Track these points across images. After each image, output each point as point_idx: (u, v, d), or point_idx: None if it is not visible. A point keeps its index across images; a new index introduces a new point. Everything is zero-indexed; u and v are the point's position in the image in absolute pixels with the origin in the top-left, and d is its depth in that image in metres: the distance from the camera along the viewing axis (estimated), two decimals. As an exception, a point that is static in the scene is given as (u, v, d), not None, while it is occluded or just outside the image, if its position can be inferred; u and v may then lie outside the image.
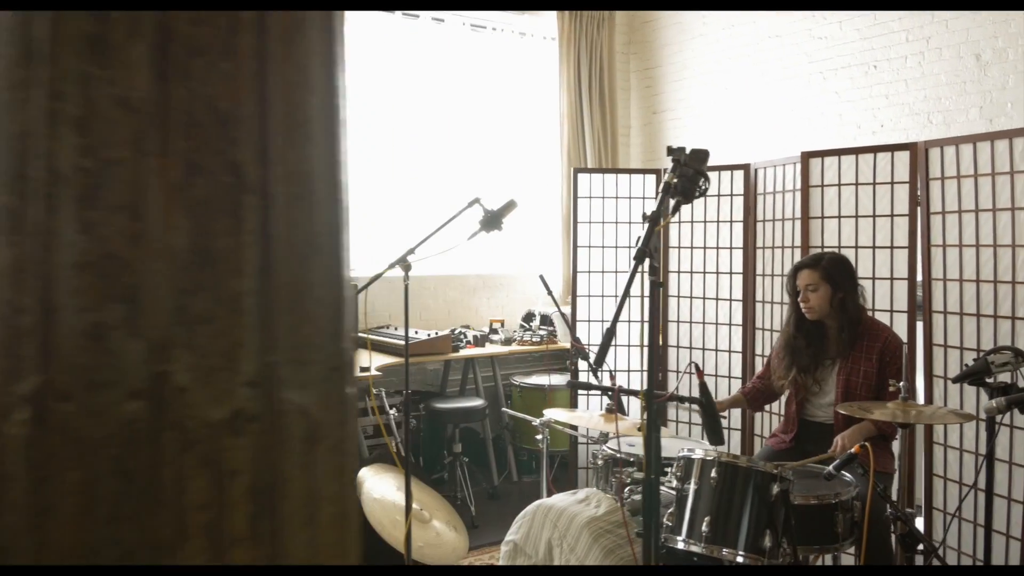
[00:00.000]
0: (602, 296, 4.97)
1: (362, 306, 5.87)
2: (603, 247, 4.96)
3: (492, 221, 3.43)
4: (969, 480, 3.73)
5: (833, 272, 3.47)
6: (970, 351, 3.72)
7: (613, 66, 6.72)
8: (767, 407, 4.47)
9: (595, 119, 6.56)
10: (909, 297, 3.97)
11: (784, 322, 3.69)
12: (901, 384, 3.01)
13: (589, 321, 4.96)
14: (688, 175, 2.29)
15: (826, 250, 3.60)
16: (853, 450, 2.97)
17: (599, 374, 4.13)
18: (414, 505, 4.40)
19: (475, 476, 5.32)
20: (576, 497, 3.23)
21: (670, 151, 2.30)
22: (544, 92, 6.57)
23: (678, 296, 4.93)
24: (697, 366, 2.92)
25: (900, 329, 3.98)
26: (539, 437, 3.76)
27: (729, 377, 4.70)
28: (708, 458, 2.92)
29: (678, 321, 4.93)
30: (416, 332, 5.48)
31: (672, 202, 2.32)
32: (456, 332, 5.74)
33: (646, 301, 4.82)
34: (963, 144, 3.72)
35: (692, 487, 2.92)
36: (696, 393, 2.90)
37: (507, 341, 5.78)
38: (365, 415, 5.10)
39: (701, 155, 2.33)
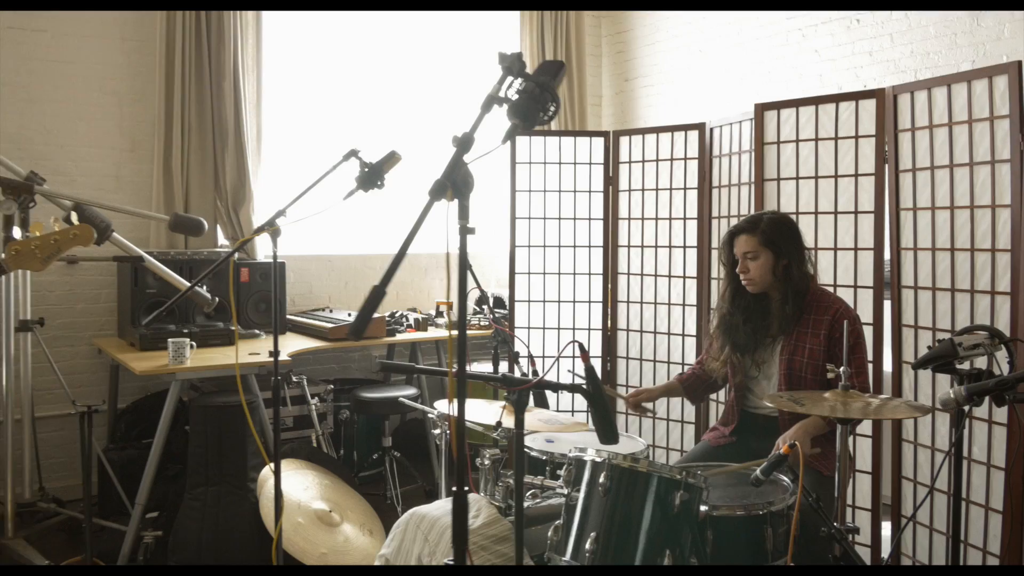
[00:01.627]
0: (543, 274, 4.40)
1: (296, 287, 5.36)
2: (544, 219, 4.39)
3: (371, 177, 2.88)
4: (942, 483, 3.13)
5: (775, 236, 2.88)
6: (944, 332, 3.12)
7: (582, 31, 6.13)
8: (713, 397, 3.89)
9: (561, 86, 5.96)
10: (875, 270, 3.37)
11: (719, 297, 3.11)
12: (842, 370, 2.42)
13: (529, 302, 4.40)
14: (529, 91, 1.72)
15: (766, 211, 3.02)
16: (782, 450, 2.39)
17: (521, 361, 3.58)
18: (323, 506, 3.89)
19: (414, 473, 4.79)
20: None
21: (502, 58, 1.73)
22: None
23: (628, 274, 4.35)
24: (582, 346, 2.36)
25: (865, 307, 3.38)
26: (436, 432, 3.21)
27: (682, 364, 4.12)
28: (598, 460, 2.35)
29: (628, 301, 4.35)
30: (350, 315, 4.94)
31: (509, 125, 1.75)
32: (397, 315, 5.20)
33: (588, 279, 4.33)
34: (936, 88, 3.10)
35: (581, 495, 2.36)
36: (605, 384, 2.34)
37: (454, 325, 5.22)
38: (282, 404, 4.58)
39: (551, 67, 1.76)
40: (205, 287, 4.20)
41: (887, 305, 3.37)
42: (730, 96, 5.37)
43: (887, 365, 3.37)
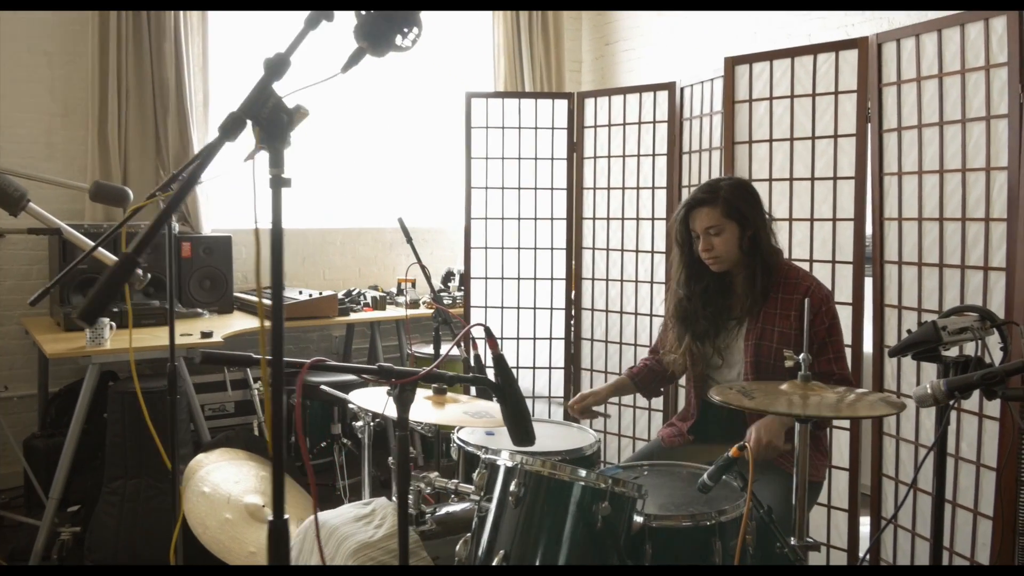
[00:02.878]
0: (502, 248, 4.01)
1: (249, 263, 4.99)
2: (503, 188, 4.00)
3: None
4: (927, 483, 2.75)
5: (738, 204, 2.49)
6: (931, 313, 2.73)
7: (560, -9, 5.71)
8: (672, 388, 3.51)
9: (536, 51, 5.56)
10: (855, 243, 2.97)
11: (672, 281, 2.72)
12: (801, 357, 2.04)
13: (486, 279, 4.02)
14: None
15: (722, 177, 2.62)
16: (730, 453, 2.02)
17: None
18: (255, 501, 3.54)
19: (374, 462, 4.42)
20: (361, 511, 2.32)
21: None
22: (477, 23, 5.58)
23: (593, 248, 3.96)
24: (489, 331, 1.98)
25: (844, 285, 2.99)
26: (359, 424, 2.85)
27: (650, 347, 3.73)
28: (510, 465, 1.99)
29: (593, 279, 3.97)
30: (300, 292, 4.58)
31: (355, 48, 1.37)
32: (354, 293, 4.83)
33: (551, 254, 3.95)
34: (925, 34, 2.69)
35: (492, 505, 1.99)
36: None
37: (415, 304, 4.85)
38: (222, 389, 4.23)
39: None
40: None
41: (868, 283, 2.98)
42: (710, 57, 4.94)
43: (868, 348, 2.98)
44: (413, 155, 5.46)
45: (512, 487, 1.92)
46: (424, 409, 2.42)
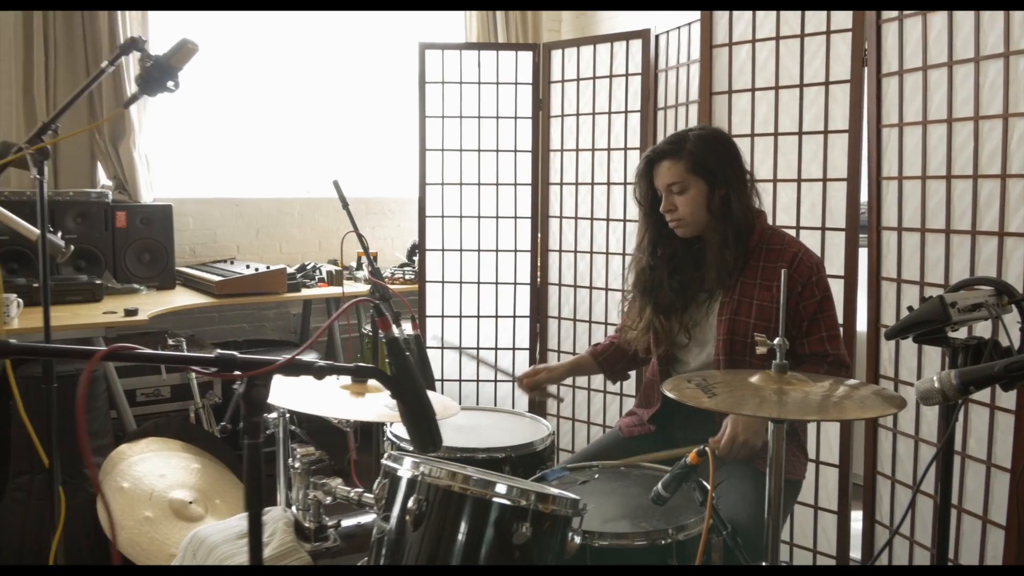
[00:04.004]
0: (460, 217, 3.60)
1: (197, 234, 4.58)
2: (461, 150, 3.58)
3: (158, 76, 2.08)
4: (927, 485, 2.36)
5: (706, 158, 2.08)
6: (936, 287, 2.32)
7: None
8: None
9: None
10: (849, 207, 2.55)
11: (635, 246, 2.32)
12: (776, 342, 1.63)
13: (443, 250, 3.61)
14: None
15: (694, 127, 2.21)
16: (688, 459, 1.62)
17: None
18: (182, 496, 3.16)
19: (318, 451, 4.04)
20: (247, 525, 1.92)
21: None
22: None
23: (560, 217, 3.54)
24: (379, 308, 1.57)
25: (835, 255, 2.58)
26: (273, 416, 2.45)
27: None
28: (410, 475, 1.59)
29: (560, 251, 3.55)
30: (248, 266, 4.17)
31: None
32: (309, 267, 4.43)
33: (514, 223, 3.52)
34: (934, -43, 2.26)
35: (391, 525, 1.60)
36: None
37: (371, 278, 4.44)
38: (156, 372, 3.83)
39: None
40: (61, 233, 3.44)
41: (863, 254, 2.57)
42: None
43: (861, 327, 2.58)
44: (377, 119, 5.03)
45: (411, 504, 1.52)
46: (338, 402, 2.03)
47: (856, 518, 2.67)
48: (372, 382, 2.26)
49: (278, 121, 4.81)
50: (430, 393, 2.18)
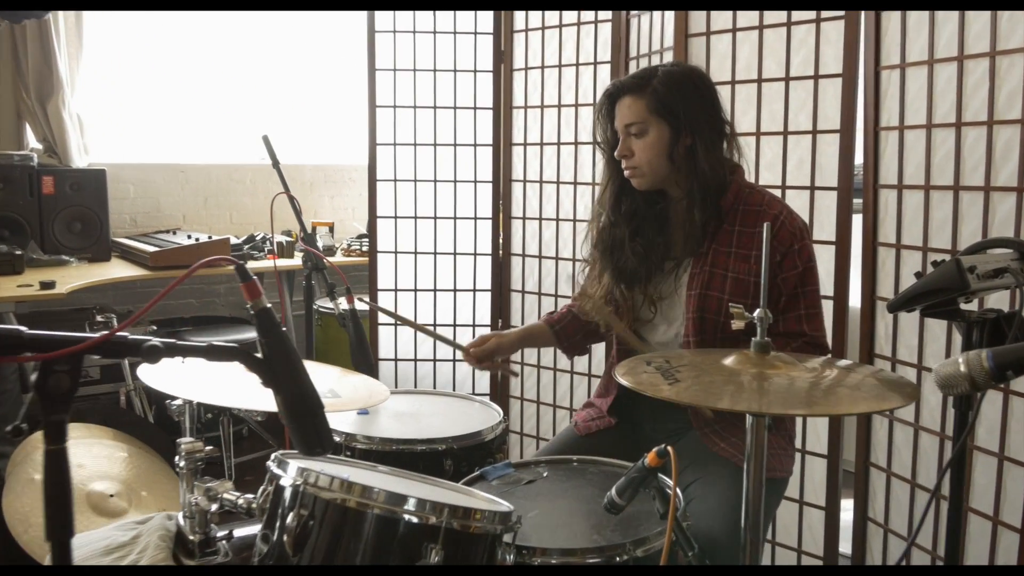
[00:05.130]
0: (414, 181, 3.24)
1: (138, 203, 4.21)
2: (415, 107, 3.22)
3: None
4: (929, 479, 2.05)
5: (671, 98, 1.75)
6: (942, 252, 2.00)
7: None
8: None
9: None
10: (842, 163, 2.22)
11: (595, 200, 1.98)
12: (756, 315, 1.29)
13: (395, 218, 3.25)
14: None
15: (666, 63, 1.86)
16: (647, 460, 1.29)
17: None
18: (102, 488, 2.81)
19: (265, 436, 3.70)
20: (119, 537, 1.58)
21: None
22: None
23: (524, 181, 3.19)
24: (243, 270, 1.22)
25: (826, 220, 2.25)
26: (175, 403, 2.12)
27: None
28: (294, 483, 1.25)
29: (524, 218, 3.21)
30: (189, 236, 3.81)
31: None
32: (259, 238, 4.07)
33: (474, 188, 3.18)
34: None
35: (270, 547, 1.26)
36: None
37: (328, 251, 4.09)
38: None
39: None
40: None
41: (857, 218, 2.23)
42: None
43: (854, 300, 2.25)
44: (333, 79, 4.64)
45: (290, 519, 1.19)
46: (246, 391, 1.69)
47: (846, 508, 2.35)
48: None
49: (228, 81, 4.42)
50: (358, 385, 1.84)
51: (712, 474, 1.71)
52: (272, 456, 1.34)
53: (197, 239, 3.68)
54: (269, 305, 1.16)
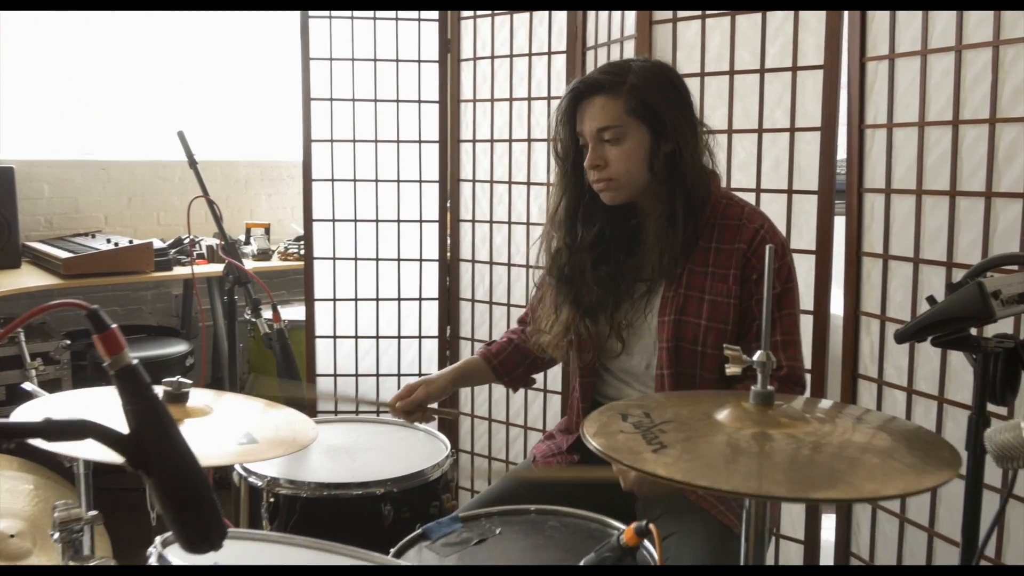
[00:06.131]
0: (353, 181, 2.95)
1: (54, 203, 3.84)
2: (354, 100, 2.92)
3: None
4: (921, 513, 1.84)
5: (654, 98, 1.51)
6: (935, 265, 1.79)
7: None
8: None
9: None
10: (823, 162, 2.00)
11: (547, 218, 1.72)
12: (757, 358, 1.04)
13: (334, 221, 2.96)
14: None
15: (638, 57, 1.62)
16: (623, 537, 1.03)
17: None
18: (3, 528, 2.51)
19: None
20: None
21: None
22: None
23: (473, 180, 2.93)
24: (96, 315, 0.93)
25: (805, 226, 2.03)
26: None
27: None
28: None
29: (473, 221, 2.94)
30: (108, 241, 3.47)
31: None
32: (186, 241, 3.73)
33: (419, 188, 2.92)
34: None
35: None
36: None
37: (263, 255, 3.78)
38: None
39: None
40: None
41: (839, 223, 2.02)
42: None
43: (834, 331, 2.03)
44: (268, 71, 4.31)
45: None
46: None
47: (827, 542, 2.14)
48: (198, 398, 1.64)
49: (154, 70, 4.06)
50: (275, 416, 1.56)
51: (688, 527, 1.47)
52: (152, 545, 1.06)
53: (116, 244, 3.34)
54: (135, 362, 0.88)
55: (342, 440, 2.00)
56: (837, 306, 2.03)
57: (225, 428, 1.52)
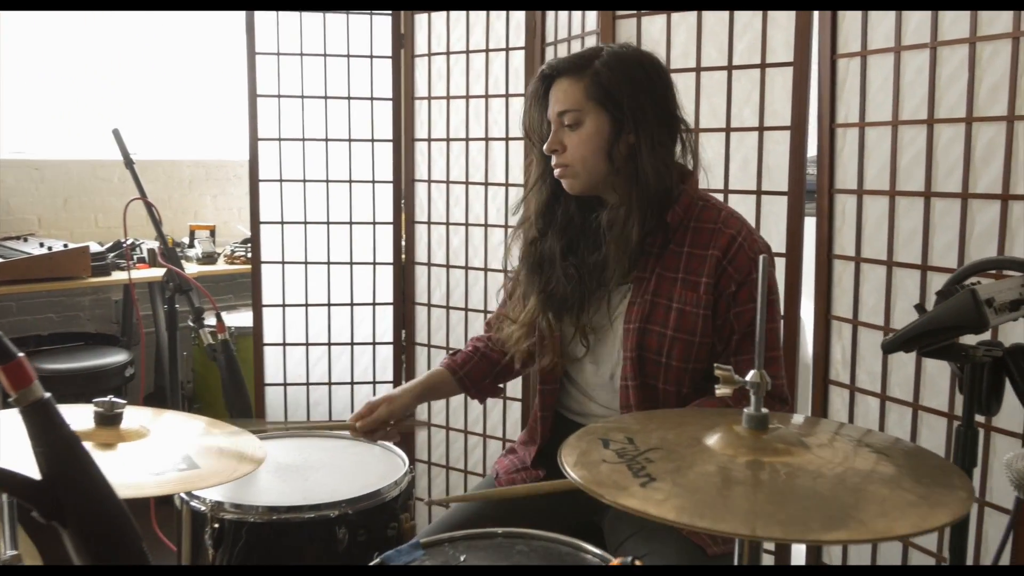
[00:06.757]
0: (303, 181, 2.81)
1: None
2: (303, 97, 2.78)
3: None
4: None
5: (617, 84, 1.42)
6: (908, 268, 1.73)
7: None
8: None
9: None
10: (792, 162, 1.93)
11: (523, 204, 1.62)
12: (751, 377, 0.95)
13: (282, 223, 2.81)
14: None
15: (614, 44, 1.53)
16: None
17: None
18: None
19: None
20: None
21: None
22: None
23: (428, 181, 2.81)
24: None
25: (774, 228, 1.96)
26: None
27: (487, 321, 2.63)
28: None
29: (429, 222, 2.82)
30: (41, 244, 3.27)
31: None
32: (127, 244, 3.54)
33: (372, 189, 2.77)
34: None
35: None
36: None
37: (208, 258, 3.60)
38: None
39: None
40: None
41: (810, 224, 1.95)
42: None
43: (808, 328, 1.97)
44: (213, 64, 4.13)
45: None
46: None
47: (797, 557, 2.08)
48: (133, 418, 1.50)
49: (93, 66, 3.85)
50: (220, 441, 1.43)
51: (658, 549, 1.38)
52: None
53: (50, 248, 3.15)
54: (46, 396, 0.75)
55: (292, 458, 1.86)
56: (807, 311, 1.96)
57: (163, 452, 1.39)
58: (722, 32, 1.98)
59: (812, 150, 1.91)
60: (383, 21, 2.76)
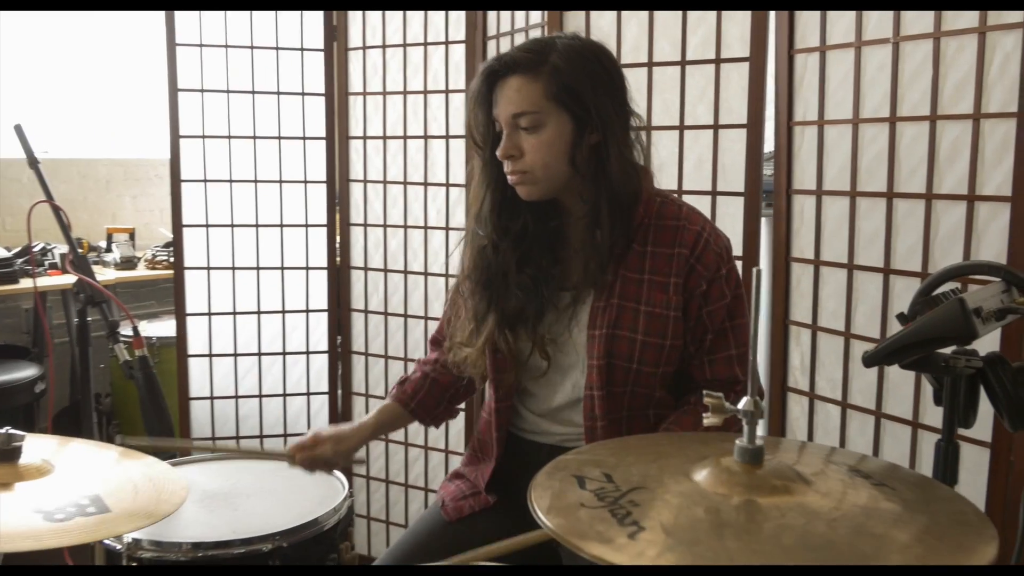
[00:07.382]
0: (230, 181, 2.62)
1: None
2: (228, 92, 2.59)
3: None
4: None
5: (579, 81, 1.30)
6: (871, 271, 1.66)
7: None
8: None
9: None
10: (749, 161, 1.84)
11: (468, 214, 1.49)
12: (743, 405, 0.84)
13: (207, 226, 2.62)
14: None
15: (560, 34, 1.41)
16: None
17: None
18: None
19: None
20: None
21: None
22: None
23: (364, 181, 2.65)
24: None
25: (731, 229, 1.87)
26: None
27: (431, 336, 2.49)
28: None
29: (365, 224, 2.66)
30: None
31: None
32: (38, 249, 3.29)
33: (304, 189, 2.67)
34: None
35: None
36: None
37: (126, 263, 3.36)
38: None
39: None
40: None
41: (765, 225, 1.87)
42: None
43: (761, 341, 1.89)
44: (131, 56, 3.88)
45: None
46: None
47: None
48: (34, 451, 1.31)
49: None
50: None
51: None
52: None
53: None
54: None
55: (219, 484, 1.70)
56: (763, 315, 1.88)
57: (68, 492, 1.22)
58: (675, 26, 1.89)
59: (769, 148, 1.82)
60: (314, 13, 2.59)
